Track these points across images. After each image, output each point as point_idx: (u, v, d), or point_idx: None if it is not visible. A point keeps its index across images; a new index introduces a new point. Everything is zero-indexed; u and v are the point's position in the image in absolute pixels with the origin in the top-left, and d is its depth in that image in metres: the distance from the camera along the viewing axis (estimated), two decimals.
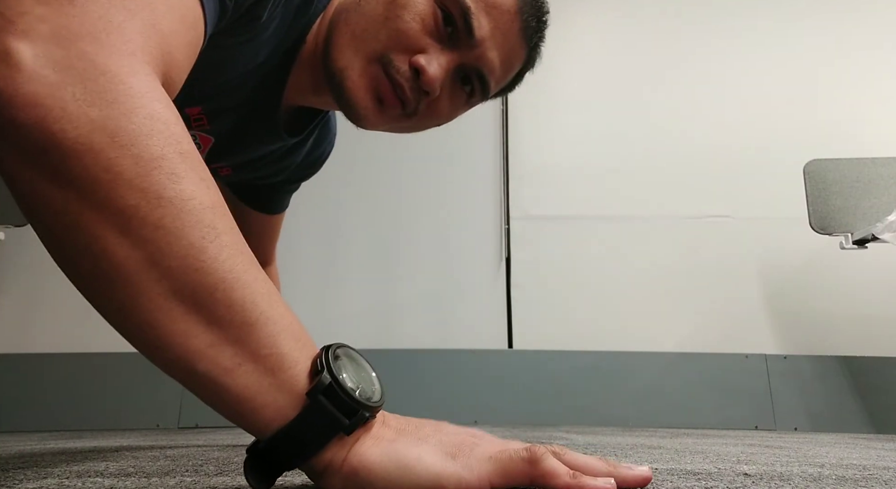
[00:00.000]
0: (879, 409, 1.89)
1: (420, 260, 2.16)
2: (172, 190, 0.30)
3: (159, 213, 0.30)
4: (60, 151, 0.28)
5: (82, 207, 0.29)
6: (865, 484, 0.46)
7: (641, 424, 1.88)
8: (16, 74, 0.28)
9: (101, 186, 0.29)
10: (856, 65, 2.28)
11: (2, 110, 0.28)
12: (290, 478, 0.47)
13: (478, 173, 2.26)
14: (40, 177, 0.28)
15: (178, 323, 0.31)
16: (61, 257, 0.31)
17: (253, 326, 0.32)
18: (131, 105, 0.30)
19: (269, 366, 0.33)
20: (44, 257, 0.31)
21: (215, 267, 0.31)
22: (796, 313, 2.07)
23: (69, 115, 0.28)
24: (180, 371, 0.32)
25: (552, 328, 2.08)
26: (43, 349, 1.98)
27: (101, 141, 0.28)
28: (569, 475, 0.34)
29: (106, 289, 0.30)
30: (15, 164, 0.29)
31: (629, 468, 0.37)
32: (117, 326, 0.32)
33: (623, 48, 2.37)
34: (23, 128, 0.28)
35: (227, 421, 0.35)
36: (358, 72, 0.52)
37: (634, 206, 2.20)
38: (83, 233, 0.29)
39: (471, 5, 0.51)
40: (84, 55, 0.29)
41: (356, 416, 0.34)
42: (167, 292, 0.30)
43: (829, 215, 1.84)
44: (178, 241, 0.30)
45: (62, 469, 0.55)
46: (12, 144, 0.28)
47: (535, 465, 0.34)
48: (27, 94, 0.28)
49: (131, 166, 0.29)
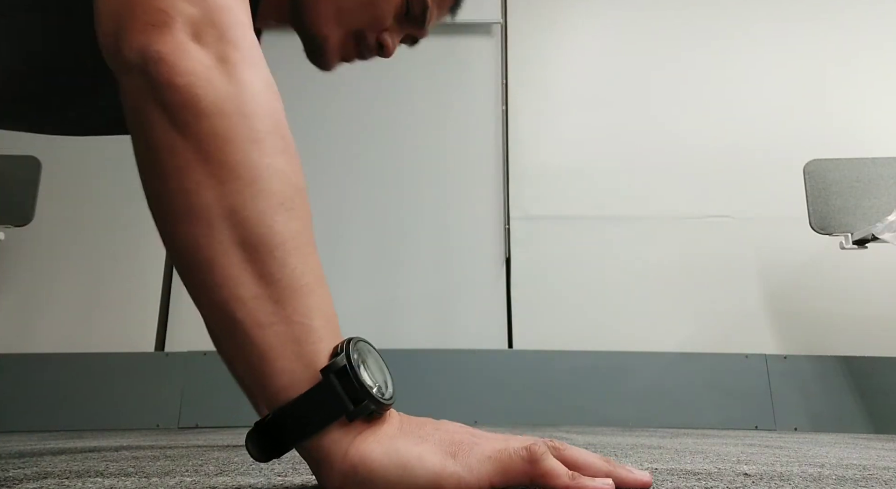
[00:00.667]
0: (879, 409, 1.89)
1: (420, 260, 2.16)
2: (270, 160, 0.36)
3: (255, 173, 0.35)
4: (196, 109, 0.35)
5: (191, 153, 0.34)
6: (865, 484, 0.46)
7: (641, 424, 1.88)
8: (180, 50, 0.35)
9: (216, 141, 0.35)
10: (856, 65, 2.28)
11: (161, 72, 0.34)
12: (290, 478, 0.47)
13: (478, 173, 2.26)
14: (167, 122, 0.35)
15: (234, 268, 0.34)
16: (151, 181, 0.36)
17: (296, 292, 0.35)
18: (256, 86, 0.37)
19: (297, 335, 0.35)
20: (44, 257, 0.31)
21: (283, 230, 0.35)
22: (796, 313, 2.07)
23: (213, 85, 0.35)
24: (219, 314, 0.35)
25: (552, 328, 2.08)
26: (43, 349, 1.98)
27: (229, 109, 0.35)
28: (568, 476, 0.34)
29: (182, 224, 0.35)
30: (147, 105, 0.35)
31: (629, 470, 0.37)
32: (177, 257, 0.36)
33: (623, 48, 2.37)
34: (171, 87, 0.34)
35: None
36: (337, 42, 0.64)
37: (634, 206, 2.20)
38: (182, 172, 0.34)
39: (430, 4, 0.64)
40: (225, 38, 0.37)
41: (361, 405, 0.34)
42: (234, 239, 0.34)
43: (829, 215, 1.84)
44: (261, 200, 0.35)
45: (62, 469, 0.55)
46: (154, 92, 0.35)
47: (534, 465, 0.34)
48: (187, 65, 0.35)
49: (246, 133, 0.35)
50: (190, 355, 1.97)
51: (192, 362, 1.96)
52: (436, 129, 2.29)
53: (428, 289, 2.13)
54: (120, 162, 2.21)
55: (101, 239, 2.14)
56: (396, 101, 2.30)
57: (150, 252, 2.13)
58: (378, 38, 0.65)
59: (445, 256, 2.18)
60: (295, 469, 0.53)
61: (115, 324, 2.05)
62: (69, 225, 2.13)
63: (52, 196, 2.01)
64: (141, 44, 0.35)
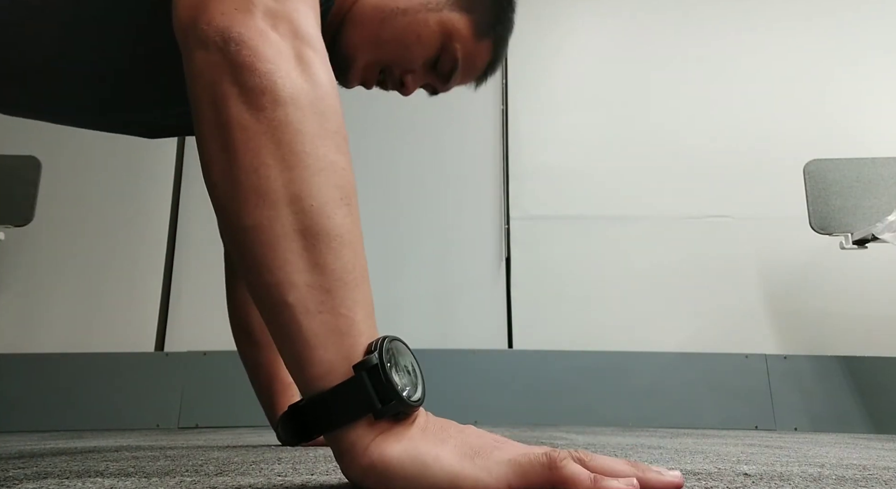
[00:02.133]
0: (879, 409, 1.89)
1: (420, 260, 2.16)
2: (334, 156, 0.38)
3: (320, 166, 0.37)
4: (274, 96, 0.36)
5: (263, 135, 0.36)
6: (865, 484, 0.46)
7: (641, 424, 1.88)
8: (261, 37, 0.37)
9: (289, 129, 0.37)
10: (856, 65, 2.28)
11: (243, 54, 0.37)
12: (290, 478, 0.47)
13: (478, 173, 2.26)
14: (243, 102, 0.36)
15: (292, 254, 0.36)
16: (218, 153, 0.37)
17: (346, 285, 0.36)
18: (326, 86, 0.39)
19: (340, 327, 0.36)
20: (44, 257, 0.31)
21: (341, 224, 0.37)
22: (796, 313, 2.07)
23: (291, 77, 0.37)
24: (270, 296, 0.36)
25: (552, 328, 2.08)
26: (43, 349, 1.98)
27: (303, 103, 0.37)
28: (589, 479, 0.33)
29: (247, 203, 0.36)
30: (223, 81, 0.37)
31: (658, 472, 0.35)
32: (236, 235, 0.37)
33: (623, 48, 2.37)
34: (253, 71, 0.36)
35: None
36: (362, 66, 0.68)
37: (634, 206, 2.20)
38: (254, 152, 0.36)
39: (459, 64, 0.69)
40: (300, 35, 0.39)
41: (389, 405, 0.35)
42: (296, 226, 0.36)
43: (829, 215, 1.84)
44: (325, 192, 0.37)
45: (62, 469, 0.55)
46: (233, 71, 0.36)
47: (555, 471, 0.33)
48: (268, 53, 0.37)
49: (316, 127, 0.38)
50: (190, 355, 1.97)
51: (192, 362, 1.96)
52: (436, 129, 2.29)
53: (428, 289, 2.13)
54: (120, 162, 2.21)
55: (101, 239, 2.14)
56: (396, 100, 2.29)
57: (150, 252, 2.13)
58: (402, 76, 0.70)
59: (445, 256, 2.18)
60: (295, 469, 0.53)
61: (115, 324, 2.05)
62: (69, 225, 2.13)
63: (52, 196, 2.01)
64: (223, 24, 0.37)
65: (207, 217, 2.67)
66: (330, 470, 0.52)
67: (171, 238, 2.17)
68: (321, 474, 0.49)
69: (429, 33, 0.67)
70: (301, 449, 0.81)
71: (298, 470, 0.53)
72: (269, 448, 0.86)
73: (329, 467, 0.54)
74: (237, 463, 0.60)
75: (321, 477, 0.47)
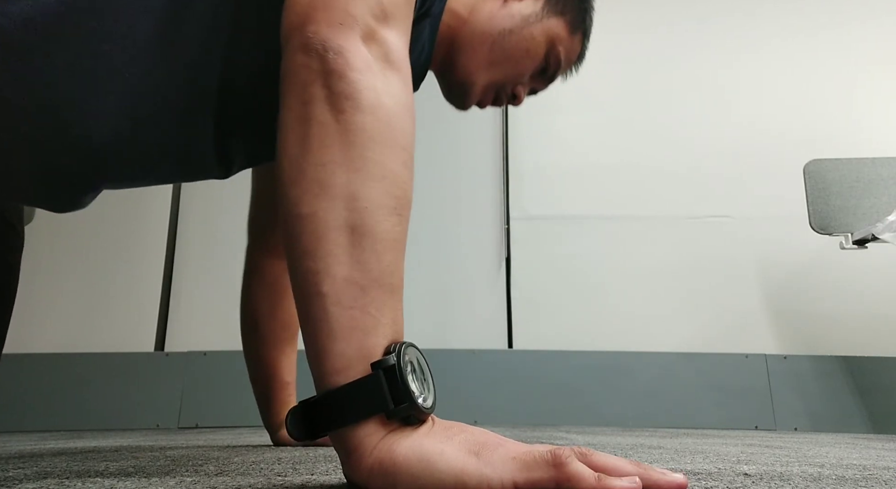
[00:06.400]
0: (879, 409, 1.89)
1: (420, 260, 2.16)
2: (399, 170, 0.40)
3: (383, 174, 0.39)
4: (356, 102, 0.39)
5: (337, 135, 0.39)
6: (865, 484, 0.46)
7: (641, 424, 1.88)
8: (357, 50, 0.41)
9: (362, 135, 0.39)
10: (856, 65, 2.28)
11: (338, 62, 0.40)
12: (290, 478, 0.47)
13: (478, 173, 2.26)
14: (327, 103, 0.39)
15: (337, 246, 0.37)
16: (292, 146, 0.39)
17: (381, 287, 0.38)
18: (404, 106, 0.42)
19: (367, 325, 0.37)
20: (44, 257, 0.31)
21: (389, 230, 0.39)
22: (796, 313, 2.07)
23: (375, 89, 0.40)
24: (307, 283, 0.37)
25: (552, 328, 2.08)
26: (43, 349, 1.98)
27: (381, 115, 0.40)
28: (593, 478, 0.33)
29: (306, 193, 0.38)
30: (315, 83, 0.40)
31: (662, 472, 0.35)
32: (292, 221, 0.38)
33: (623, 48, 2.37)
34: (343, 77, 0.39)
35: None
36: (481, 89, 0.74)
37: (634, 206, 2.20)
38: (325, 149, 0.38)
39: (563, 64, 0.76)
40: (390, 55, 0.43)
41: (401, 407, 0.35)
42: (347, 222, 0.38)
43: (829, 215, 1.84)
44: (381, 198, 0.39)
45: (62, 469, 0.55)
46: (325, 75, 0.40)
47: (559, 468, 0.33)
48: (360, 64, 0.40)
49: (387, 139, 0.40)
50: (190, 355, 1.97)
51: (192, 362, 1.96)
52: (435, 129, 2.29)
53: (428, 289, 2.13)
54: None
55: (101, 239, 2.13)
56: None
57: (150, 252, 2.13)
58: (513, 89, 0.76)
59: (445, 256, 2.18)
60: (295, 469, 0.53)
61: (115, 324, 2.05)
62: (69, 225, 2.12)
63: None
64: (327, 34, 0.40)
65: (207, 217, 2.66)
66: (330, 470, 0.52)
67: (171, 238, 2.17)
68: (321, 474, 0.49)
69: (535, 46, 0.72)
70: (301, 449, 0.81)
71: (298, 470, 0.53)
72: (269, 448, 0.86)
73: (329, 467, 0.55)
74: (237, 463, 0.60)
75: (321, 477, 0.47)
